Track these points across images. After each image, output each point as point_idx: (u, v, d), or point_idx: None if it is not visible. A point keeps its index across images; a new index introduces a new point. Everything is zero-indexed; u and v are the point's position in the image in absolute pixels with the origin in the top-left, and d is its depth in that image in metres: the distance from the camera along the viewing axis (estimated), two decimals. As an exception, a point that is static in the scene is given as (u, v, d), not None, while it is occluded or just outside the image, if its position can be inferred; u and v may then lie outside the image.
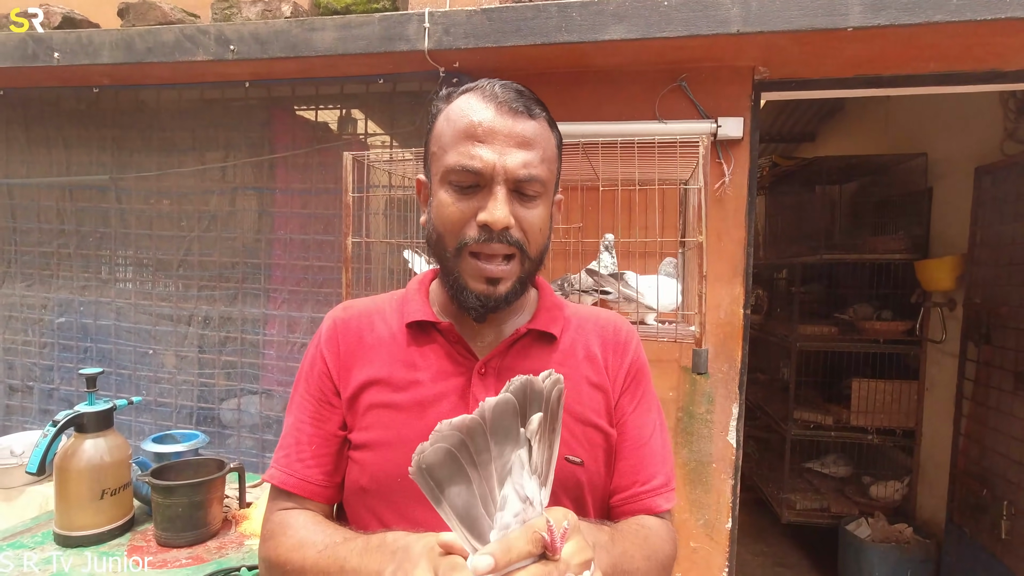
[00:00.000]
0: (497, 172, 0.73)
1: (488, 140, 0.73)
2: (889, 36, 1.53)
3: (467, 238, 0.75)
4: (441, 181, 0.77)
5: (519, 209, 0.75)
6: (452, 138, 0.75)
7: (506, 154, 0.73)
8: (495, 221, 0.73)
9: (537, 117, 0.77)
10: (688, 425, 1.88)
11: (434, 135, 0.79)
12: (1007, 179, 2.56)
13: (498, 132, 0.73)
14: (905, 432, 3.30)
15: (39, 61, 1.90)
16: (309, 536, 0.76)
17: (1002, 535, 2.42)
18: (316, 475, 0.82)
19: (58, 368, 2.31)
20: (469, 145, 0.73)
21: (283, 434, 0.86)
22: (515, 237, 0.75)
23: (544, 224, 0.79)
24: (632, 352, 0.90)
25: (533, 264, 0.80)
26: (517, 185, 0.74)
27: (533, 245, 0.78)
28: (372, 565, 0.65)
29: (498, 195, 0.73)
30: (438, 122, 0.79)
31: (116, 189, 2.22)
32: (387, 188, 1.91)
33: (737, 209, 1.83)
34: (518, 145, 0.74)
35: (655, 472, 0.85)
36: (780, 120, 4.51)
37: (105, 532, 1.36)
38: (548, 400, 0.55)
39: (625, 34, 1.55)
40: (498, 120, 0.74)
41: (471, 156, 0.73)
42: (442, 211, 0.76)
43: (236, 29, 1.77)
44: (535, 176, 0.75)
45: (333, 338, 0.86)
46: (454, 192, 0.75)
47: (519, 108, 0.75)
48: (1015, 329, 2.44)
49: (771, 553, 3.46)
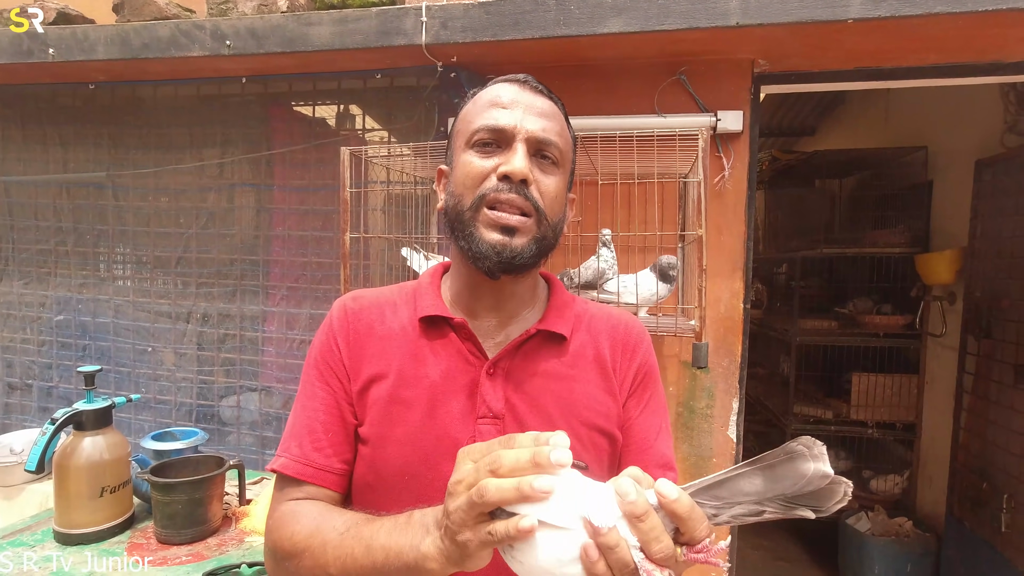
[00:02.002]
0: (519, 131, 0.78)
1: (510, 107, 0.79)
2: (890, 28, 1.52)
3: (486, 188, 0.77)
4: (465, 146, 0.81)
5: (537, 173, 0.79)
6: (477, 111, 0.81)
7: (527, 118, 0.78)
8: (514, 171, 0.76)
9: (556, 104, 0.84)
10: (688, 420, 1.87)
11: (460, 118, 0.84)
12: (1007, 172, 2.55)
13: (520, 101, 0.79)
14: (905, 426, 3.30)
15: (34, 57, 1.89)
16: (327, 520, 0.73)
17: (1002, 528, 2.42)
18: (335, 463, 0.80)
19: (57, 366, 2.30)
20: (492, 110, 0.79)
21: (292, 422, 0.83)
22: (533, 194, 0.78)
23: (559, 194, 0.82)
24: (641, 354, 0.89)
25: (550, 229, 0.81)
26: (537, 146, 0.79)
27: (550, 210, 0.80)
28: (403, 539, 0.63)
29: (518, 150, 0.77)
30: (464, 108, 0.84)
31: (113, 186, 2.21)
32: (385, 184, 1.91)
33: (737, 203, 1.82)
34: (538, 114, 0.80)
35: (659, 474, 0.84)
36: (780, 114, 4.50)
37: (105, 530, 1.36)
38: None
39: (624, 27, 1.54)
40: (520, 94, 0.80)
41: (495, 118, 0.78)
42: (464, 169, 0.80)
43: (232, 24, 1.76)
44: (553, 141, 0.79)
45: (345, 326, 0.84)
46: (477, 151, 0.79)
47: (540, 88, 0.82)
48: (1015, 322, 2.44)
49: (771, 547, 3.47)
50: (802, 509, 0.53)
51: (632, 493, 0.53)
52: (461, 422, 0.78)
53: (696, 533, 0.53)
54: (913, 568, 2.84)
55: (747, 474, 0.54)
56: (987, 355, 2.64)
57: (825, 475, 0.51)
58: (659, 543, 0.52)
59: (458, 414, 0.79)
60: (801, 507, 0.53)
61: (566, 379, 0.83)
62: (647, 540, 0.52)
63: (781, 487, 0.52)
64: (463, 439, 0.77)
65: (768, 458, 0.53)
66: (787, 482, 0.52)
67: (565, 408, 0.82)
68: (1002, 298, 2.54)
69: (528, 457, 0.53)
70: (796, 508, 0.53)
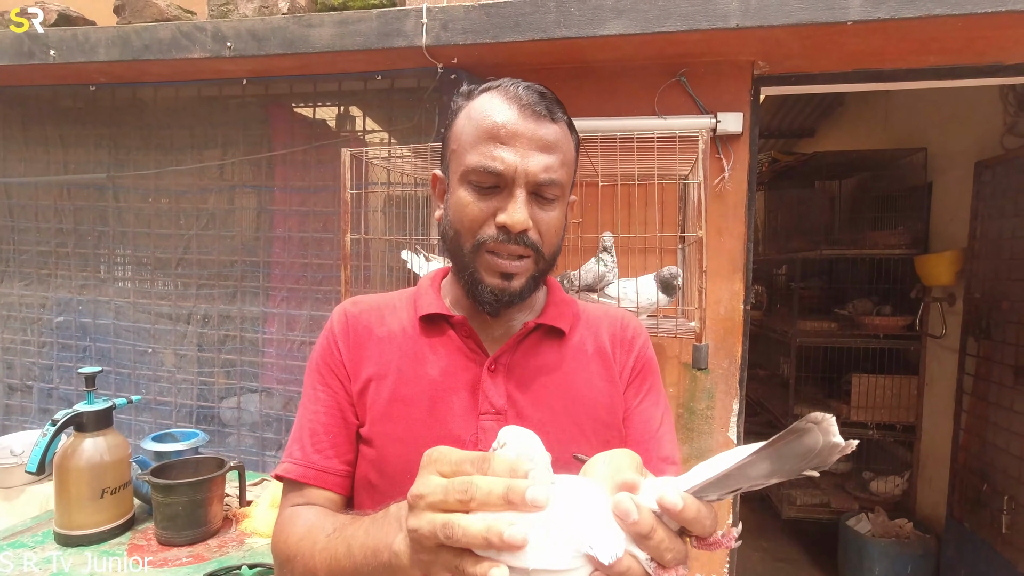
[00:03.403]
0: (519, 175, 0.73)
1: (510, 143, 0.73)
2: (889, 30, 1.52)
3: (485, 236, 0.75)
4: (461, 180, 0.77)
5: (537, 211, 0.76)
6: (474, 137, 0.75)
7: (528, 157, 0.73)
8: (514, 224, 0.73)
9: (559, 121, 0.77)
10: (688, 421, 1.87)
11: (454, 132, 0.79)
12: (1007, 174, 2.55)
13: (520, 135, 0.73)
14: (905, 427, 3.30)
15: (35, 59, 1.89)
16: (318, 523, 0.73)
17: (1002, 529, 2.42)
18: (336, 464, 0.81)
19: (57, 367, 2.30)
20: (491, 146, 0.73)
21: (295, 428, 0.84)
22: (532, 239, 0.76)
23: (560, 226, 0.80)
24: (639, 347, 0.89)
25: (547, 263, 0.81)
26: (537, 188, 0.75)
27: (548, 246, 0.79)
28: (379, 537, 0.61)
29: (518, 198, 0.73)
30: (459, 119, 0.79)
31: (114, 187, 2.21)
32: (386, 185, 1.91)
33: (737, 204, 1.82)
34: (540, 149, 0.74)
35: (662, 468, 0.83)
36: (780, 116, 4.51)
37: (105, 531, 1.36)
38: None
39: (624, 29, 1.55)
40: (521, 123, 0.74)
41: (493, 158, 0.73)
42: (461, 210, 0.76)
43: (233, 26, 1.76)
44: (555, 180, 0.75)
45: (344, 329, 0.85)
46: (474, 191, 0.75)
47: (542, 112, 0.75)
48: (1015, 324, 2.44)
49: (772, 549, 3.47)
50: (806, 470, 0.49)
51: (633, 512, 0.48)
52: (463, 419, 0.79)
53: (704, 531, 0.51)
54: (913, 569, 2.84)
55: (754, 461, 0.50)
56: (987, 356, 2.64)
57: (835, 446, 0.47)
58: (671, 552, 0.49)
59: (460, 411, 0.79)
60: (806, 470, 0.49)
61: (568, 373, 0.84)
62: (658, 554, 0.49)
63: (789, 466, 0.49)
64: (465, 436, 0.78)
65: (776, 441, 0.51)
66: (795, 460, 0.48)
67: (568, 401, 0.82)
68: (1002, 299, 2.54)
69: (501, 492, 0.47)
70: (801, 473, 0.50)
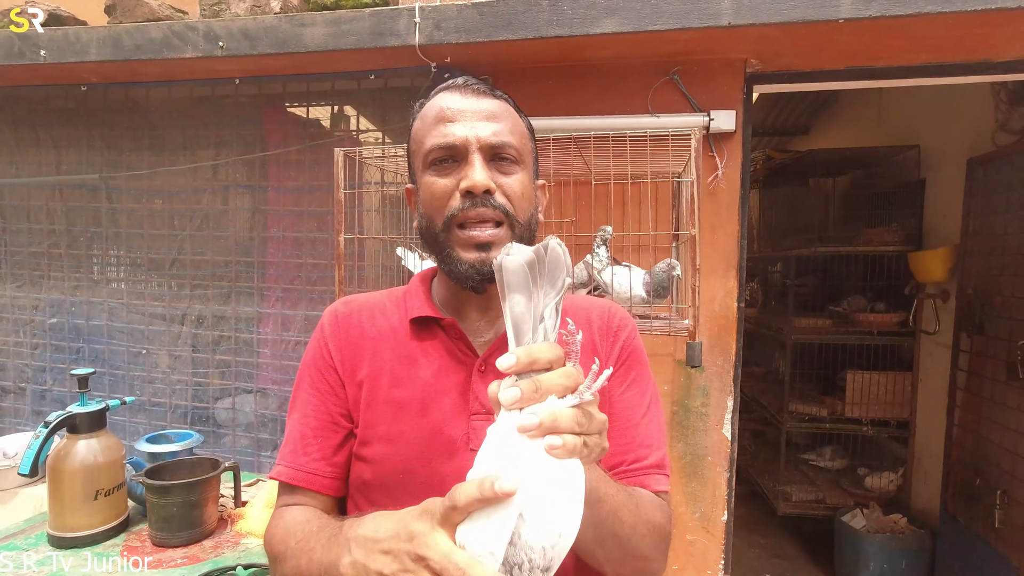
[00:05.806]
0: (470, 141, 0.77)
1: (458, 118, 0.78)
2: (881, 27, 1.53)
3: (453, 209, 0.78)
4: (424, 168, 0.80)
5: (499, 176, 0.79)
6: (427, 129, 0.80)
7: (476, 127, 0.78)
8: (475, 184, 0.76)
9: (500, 98, 0.82)
10: (683, 418, 1.88)
11: (412, 136, 0.85)
12: (999, 170, 2.56)
13: (465, 110, 0.78)
14: (899, 423, 3.32)
15: (26, 59, 1.88)
16: (294, 527, 0.75)
17: (995, 524, 2.44)
18: (323, 467, 0.82)
19: (50, 369, 2.29)
20: (441, 126, 0.78)
21: (288, 431, 0.85)
22: (499, 201, 0.78)
23: (526, 191, 0.82)
24: (624, 338, 0.89)
25: (524, 229, 0.81)
26: (492, 152, 0.78)
27: (520, 211, 0.80)
28: (332, 555, 0.63)
29: (475, 162, 0.77)
30: (414, 125, 0.84)
31: (106, 188, 2.20)
32: (379, 184, 1.90)
33: (730, 202, 1.83)
34: (486, 118, 0.79)
35: (645, 453, 0.83)
36: (773, 113, 4.52)
37: (99, 533, 1.35)
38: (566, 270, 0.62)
39: (617, 27, 1.55)
40: (463, 101, 0.79)
41: (444, 135, 0.78)
42: (427, 191, 0.80)
43: (225, 25, 1.75)
44: (507, 142, 0.79)
45: (336, 331, 0.86)
46: (435, 171, 0.79)
47: (482, 89, 0.81)
48: (1007, 319, 2.45)
49: (767, 545, 3.48)
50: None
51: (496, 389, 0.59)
52: (455, 419, 0.79)
53: (545, 356, 0.58)
54: (908, 564, 2.85)
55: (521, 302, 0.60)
56: (980, 352, 2.66)
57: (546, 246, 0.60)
58: (556, 387, 0.58)
59: (451, 412, 0.80)
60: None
61: None
62: (546, 386, 0.57)
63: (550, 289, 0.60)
64: (457, 436, 0.78)
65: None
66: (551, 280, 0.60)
67: None
68: (994, 295, 2.55)
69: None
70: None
